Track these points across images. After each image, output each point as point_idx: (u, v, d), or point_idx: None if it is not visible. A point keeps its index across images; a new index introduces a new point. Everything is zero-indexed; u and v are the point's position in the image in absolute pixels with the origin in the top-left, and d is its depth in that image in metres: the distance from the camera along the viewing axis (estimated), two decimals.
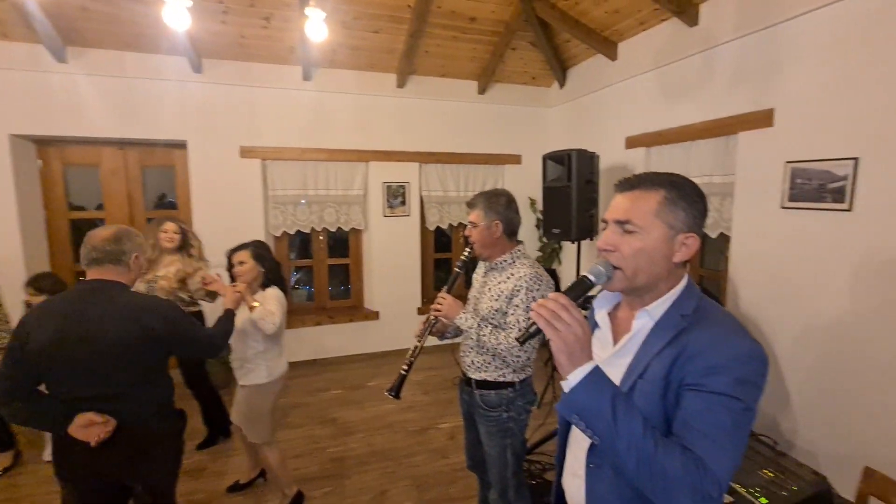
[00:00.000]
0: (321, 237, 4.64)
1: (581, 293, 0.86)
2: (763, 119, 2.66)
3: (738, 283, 2.90)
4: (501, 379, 1.78)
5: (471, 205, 1.83)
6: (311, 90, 4.20)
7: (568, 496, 1.07)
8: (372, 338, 4.67)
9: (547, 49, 4.19)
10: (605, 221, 0.93)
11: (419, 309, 4.78)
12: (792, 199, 2.55)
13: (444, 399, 3.76)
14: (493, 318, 1.74)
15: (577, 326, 0.78)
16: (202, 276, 2.36)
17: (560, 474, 1.12)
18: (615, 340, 0.98)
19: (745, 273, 2.86)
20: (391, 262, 4.66)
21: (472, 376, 1.83)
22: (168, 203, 4.32)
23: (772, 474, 2.16)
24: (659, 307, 0.91)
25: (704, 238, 3.31)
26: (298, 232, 4.43)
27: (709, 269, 3.46)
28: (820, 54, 2.39)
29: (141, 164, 4.04)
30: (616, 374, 0.91)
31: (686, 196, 0.89)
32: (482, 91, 4.65)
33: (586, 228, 3.43)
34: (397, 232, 4.65)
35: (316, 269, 4.69)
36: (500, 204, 1.78)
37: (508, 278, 1.74)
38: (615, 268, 0.89)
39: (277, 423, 3.31)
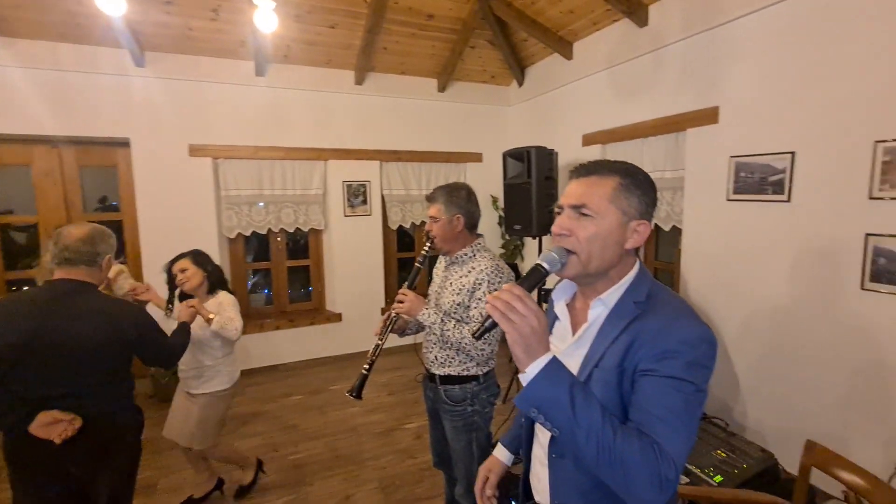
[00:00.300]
0: (279, 238, 4.49)
1: (535, 282, 0.86)
2: (709, 116, 2.79)
3: (689, 274, 3.03)
4: (465, 373, 1.76)
5: (430, 199, 1.81)
6: (264, 86, 4.05)
7: (534, 486, 1.08)
8: (334, 340, 4.57)
9: (505, 47, 4.23)
10: (560, 207, 0.93)
11: (383, 309, 4.72)
12: (736, 191, 2.68)
13: (410, 399, 3.72)
14: (455, 313, 1.72)
15: (532, 317, 0.77)
16: (131, 285, 2.25)
17: (528, 465, 1.12)
18: (574, 331, 0.99)
19: (695, 264, 2.99)
20: (353, 262, 4.57)
21: (436, 372, 1.81)
22: (110, 206, 4.06)
23: (724, 454, 2.26)
24: (612, 295, 0.92)
25: (658, 231, 3.44)
26: (255, 234, 4.27)
27: (663, 261, 3.60)
28: (759, 55, 2.53)
29: (78, 163, 3.77)
30: (575, 364, 0.92)
31: (640, 184, 0.91)
32: (442, 89, 4.65)
33: (547, 224, 3.48)
34: (359, 232, 4.57)
35: (274, 271, 4.54)
36: (461, 197, 1.77)
37: (470, 272, 1.73)
38: (569, 253, 0.89)
39: (233, 433, 3.20)
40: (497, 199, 4.84)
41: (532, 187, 3.35)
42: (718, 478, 2.12)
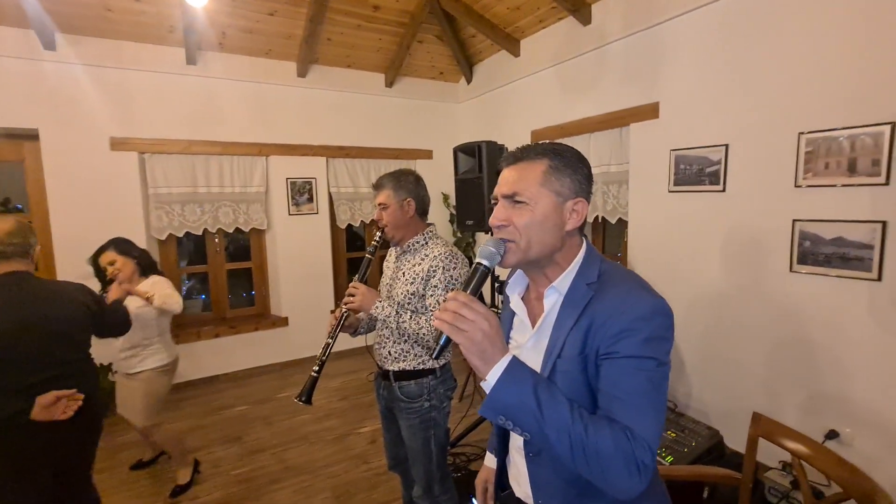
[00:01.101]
0: (217, 240, 4.19)
1: (480, 282, 0.82)
2: (650, 111, 2.90)
3: (636, 264, 3.14)
4: (421, 367, 1.69)
5: (377, 186, 1.73)
6: (197, 75, 3.77)
7: (513, 475, 1.04)
8: (281, 346, 4.32)
9: (453, 43, 4.21)
10: (495, 199, 0.91)
11: (332, 311, 4.53)
12: (677, 183, 2.80)
13: (364, 402, 3.58)
14: (409, 304, 1.65)
15: (482, 321, 0.74)
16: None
17: (503, 455, 1.08)
18: (532, 323, 0.95)
19: (640, 254, 3.10)
20: (300, 263, 4.35)
21: (390, 368, 1.73)
22: (14, 209, 3.60)
23: (674, 434, 2.34)
24: (564, 280, 0.89)
25: (605, 224, 3.55)
26: (189, 235, 3.95)
27: (610, 254, 3.71)
28: (694, 53, 2.66)
29: None
30: (537, 357, 0.89)
31: (570, 163, 0.89)
32: (390, 84, 4.55)
33: None
34: (305, 231, 4.36)
35: (212, 275, 4.23)
36: (410, 182, 1.70)
37: (423, 259, 1.66)
38: (506, 241, 0.86)
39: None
40: (448, 196, 4.81)
41: (484, 181, 3.33)
42: (669, 458, 2.18)
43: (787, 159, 2.27)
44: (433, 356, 0.77)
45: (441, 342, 0.78)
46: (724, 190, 2.56)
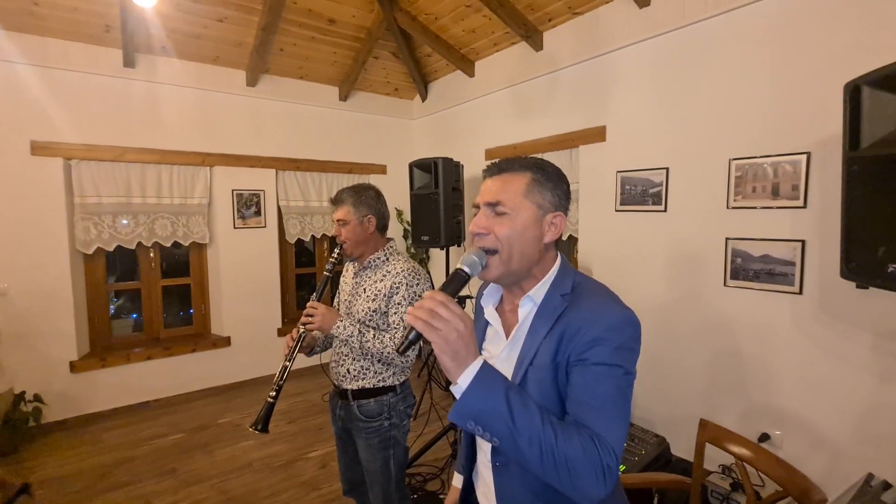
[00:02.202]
0: (152, 254, 3.90)
1: (458, 287, 0.82)
2: (597, 134, 3.07)
3: None
4: (381, 384, 1.64)
5: (337, 201, 1.69)
6: (135, 79, 3.54)
7: (479, 489, 1.03)
8: (221, 368, 4.05)
9: (409, 61, 4.26)
10: (476, 206, 0.92)
11: (280, 330, 4.33)
12: (623, 203, 2.97)
13: (313, 426, 3.41)
14: (371, 321, 1.60)
15: (457, 321, 0.73)
16: None
17: (470, 469, 1.06)
18: (507, 334, 0.96)
19: (590, 269, 3.23)
20: (245, 279, 4.13)
21: (348, 387, 1.66)
22: None
23: (626, 444, 2.42)
24: (539, 290, 0.91)
25: (557, 241, 3.66)
26: (121, 249, 3.64)
27: None
28: (637, 81, 2.85)
29: None
30: (510, 366, 0.90)
31: (551, 178, 0.92)
32: (344, 98, 4.51)
33: (454, 235, 3.51)
34: (251, 245, 4.16)
35: (145, 292, 3.91)
36: (370, 197, 1.68)
37: (385, 276, 1.63)
38: (489, 253, 0.87)
39: (88, 489, 2.62)
40: (402, 211, 4.79)
41: (440, 197, 3.36)
42: (622, 467, 2.25)
43: (720, 183, 2.47)
44: (398, 349, 0.76)
45: (410, 337, 0.75)
46: (665, 210, 2.74)
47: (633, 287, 2.94)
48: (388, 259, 1.69)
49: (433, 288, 0.97)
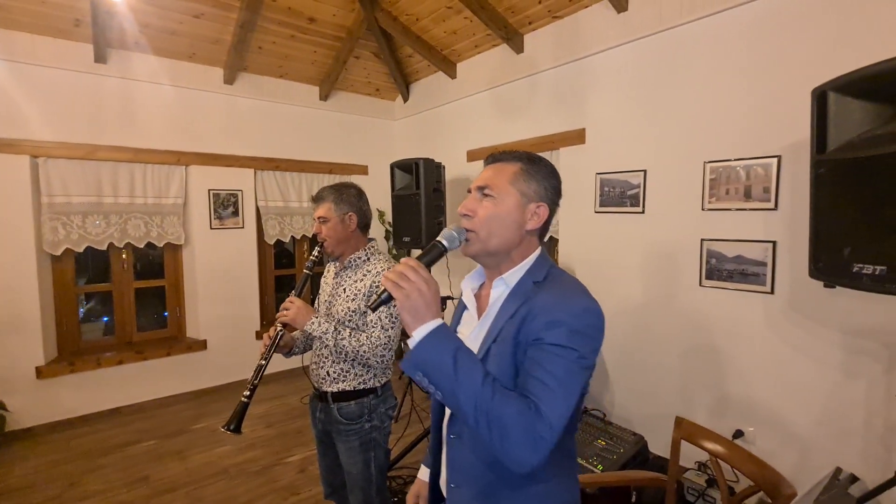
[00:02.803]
0: (124, 255, 3.78)
1: (434, 258, 0.90)
2: (577, 137, 3.10)
3: None
4: (362, 386, 1.62)
5: (318, 199, 1.67)
6: (107, 75, 3.43)
7: (442, 476, 1.06)
8: (197, 372, 3.95)
9: (391, 61, 4.24)
10: (469, 190, 1.00)
11: (258, 333, 4.25)
12: (602, 204, 3.01)
13: (291, 429, 3.36)
14: (350, 321, 1.58)
15: (422, 283, 0.80)
16: None
17: (437, 467, 1.08)
18: (480, 317, 1.01)
19: (570, 269, 3.26)
20: (222, 281, 4.05)
21: (328, 389, 1.64)
22: None
23: (604, 442, 2.45)
24: (514, 275, 0.96)
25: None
26: (91, 250, 3.52)
27: None
28: (615, 85, 2.90)
29: None
30: (478, 343, 0.95)
31: (541, 171, 0.98)
32: (324, 97, 4.46)
33: (435, 235, 3.50)
34: (229, 246, 4.07)
35: (117, 295, 3.79)
36: (352, 195, 1.66)
37: (365, 275, 1.62)
38: (468, 231, 0.94)
39: (59, 499, 2.52)
40: (384, 213, 4.76)
41: (421, 198, 3.35)
42: (600, 466, 2.27)
43: (695, 185, 2.53)
44: (369, 305, 0.84)
45: (382, 297, 0.83)
46: (643, 211, 2.79)
47: (612, 287, 2.98)
48: (368, 258, 1.68)
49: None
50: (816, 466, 2.12)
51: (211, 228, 3.98)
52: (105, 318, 4.05)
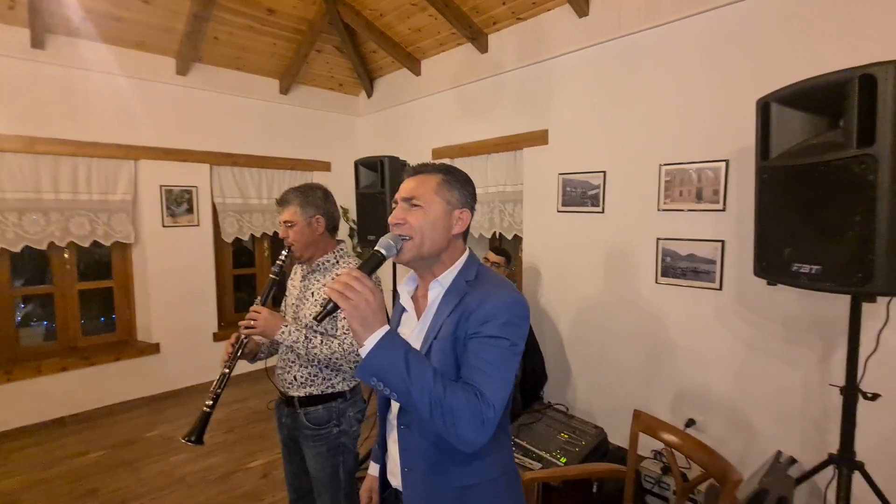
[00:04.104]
0: (67, 255, 3.54)
1: (374, 266, 0.94)
2: (540, 137, 3.17)
3: (530, 277, 3.36)
4: (330, 390, 1.60)
5: (283, 202, 1.63)
6: (46, 62, 3.19)
7: (390, 469, 1.14)
8: (150, 377, 3.76)
9: (354, 57, 4.17)
10: (395, 202, 1.06)
11: (216, 335, 4.09)
12: (564, 204, 3.08)
13: (253, 434, 3.26)
14: (319, 326, 1.55)
15: (367, 293, 0.85)
16: None
17: (384, 449, 1.16)
18: (418, 317, 1.09)
19: (534, 269, 3.33)
20: (176, 281, 3.86)
21: (295, 394, 1.61)
22: None
23: (567, 436, 2.52)
24: (447, 276, 1.05)
25: (502, 240, 3.75)
26: (29, 249, 3.28)
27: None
28: (578, 88, 2.97)
29: None
30: (418, 344, 1.02)
31: (459, 180, 1.08)
32: (285, 91, 4.33)
33: None
34: (183, 245, 3.90)
35: (59, 297, 3.55)
36: (318, 197, 1.63)
37: (334, 279, 1.59)
38: (404, 239, 0.99)
39: None
40: (348, 210, 4.68)
41: (386, 196, 3.31)
42: (563, 459, 2.34)
43: (651, 186, 2.64)
44: (315, 318, 0.87)
45: (328, 307, 0.87)
46: (602, 211, 2.88)
47: (574, 284, 3.07)
48: (337, 262, 1.65)
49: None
50: (761, 450, 2.28)
51: (163, 226, 3.79)
52: (45, 323, 3.78)
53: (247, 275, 4.56)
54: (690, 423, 2.53)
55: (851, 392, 1.64)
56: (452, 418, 0.83)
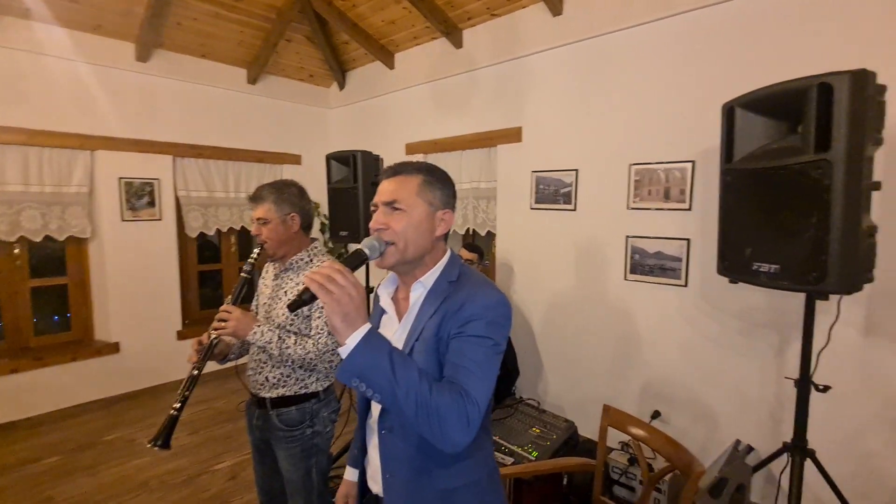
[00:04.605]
0: (17, 250, 3.34)
1: (357, 264, 0.91)
2: (514, 135, 3.18)
3: (503, 273, 3.39)
4: (304, 391, 1.57)
5: (256, 199, 1.59)
6: None
7: (369, 473, 1.12)
8: (109, 378, 3.60)
9: (325, 47, 4.07)
10: (374, 206, 1.02)
11: (180, 333, 3.95)
12: (537, 201, 3.12)
13: (219, 435, 3.17)
14: (292, 325, 1.52)
15: (351, 288, 0.81)
16: None
17: (363, 455, 1.14)
18: (400, 319, 1.07)
19: (507, 265, 3.36)
20: (136, 277, 3.70)
21: (267, 395, 1.57)
22: None
23: (538, 430, 2.57)
24: (430, 277, 1.03)
25: (475, 235, 3.76)
26: None
27: (479, 263, 3.93)
28: (551, 86, 3.00)
29: None
30: (401, 345, 1.00)
31: (439, 179, 1.05)
32: (253, 81, 4.19)
33: None
34: (144, 240, 3.73)
35: (7, 295, 3.34)
36: (293, 195, 1.60)
37: (315, 270, 1.55)
38: (388, 243, 0.97)
39: None
40: (318, 205, 4.59)
41: (359, 192, 3.26)
42: (535, 453, 2.38)
43: (622, 185, 2.70)
44: (289, 307, 0.83)
45: (304, 297, 0.82)
46: (574, 209, 2.93)
47: (546, 280, 3.11)
48: (311, 260, 1.62)
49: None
50: (721, 439, 2.38)
51: (123, 220, 3.61)
52: None
53: (212, 271, 4.41)
54: (656, 414, 2.62)
55: (805, 384, 1.73)
56: (438, 419, 0.82)
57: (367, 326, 0.83)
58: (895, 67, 1.81)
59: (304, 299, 0.82)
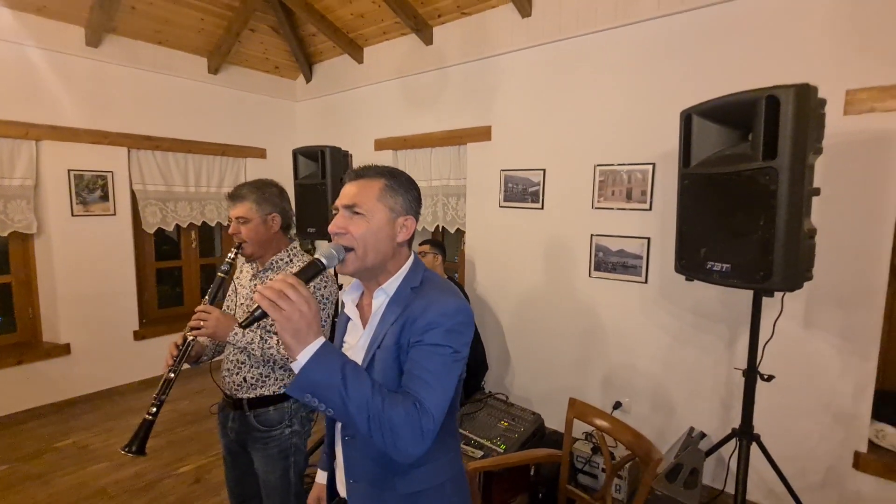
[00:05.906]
0: None
1: (312, 275, 0.90)
2: (484, 133, 3.22)
3: (473, 271, 3.44)
4: (283, 390, 1.56)
5: (236, 197, 1.55)
6: None
7: (338, 476, 1.11)
8: (59, 381, 3.41)
9: (291, 38, 3.97)
10: (336, 208, 1.01)
11: (137, 332, 3.79)
12: (506, 199, 3.18)
13: (182, 438, 3.08)
14: (273, 327, 1.50)
15: (302, 303, 0.80)
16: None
17: (332, 458, 1.14)
18: (364, 325, 1.06)
19: (476, 262, 3.41)
20: (88, 275, 3.51)
21: (245, 396, 1.55)
22: None
23: (507, 423, 2.64)
24: (392, 284, 1.02)
25: (445, 233, 3.79)
26: None
27: (448, 260, 3.96)
28: (520, 87, 3.05)
29: None
30: (363, 352, 1.00)
31: (403, 185, 1.03)
32: (214, 71, 4.03)
33: None
34: (96, 236, 3.54)
35: None
36: (274, 194, 1.58)
37: (266, 284, 1.54)
38: (347, 250, 0.95)
39: None
40: None
41: (327, 188, 3.22)
42: (503, 446, 2.45)
43: (587, 185, 2.79)
44: (241, 325, 0.82)
45: (255, 314, 0.80)
46: (542, 208, 3.01)
47: (515, 277, 3.18)
48: (291, 260, 1.61)
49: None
50: (677, 426, 2.53)
51: (73, 215, 3.42)
52: None
53: (172, 267, 4.24)
54: (618, 405, 2.75)
55: (752, 374, 1.86)
56: (391, 433, 0.81)
57: (318, 342, 0.81)
58: (833, 82, 1.97)
59: (256, 316, 0.80)
